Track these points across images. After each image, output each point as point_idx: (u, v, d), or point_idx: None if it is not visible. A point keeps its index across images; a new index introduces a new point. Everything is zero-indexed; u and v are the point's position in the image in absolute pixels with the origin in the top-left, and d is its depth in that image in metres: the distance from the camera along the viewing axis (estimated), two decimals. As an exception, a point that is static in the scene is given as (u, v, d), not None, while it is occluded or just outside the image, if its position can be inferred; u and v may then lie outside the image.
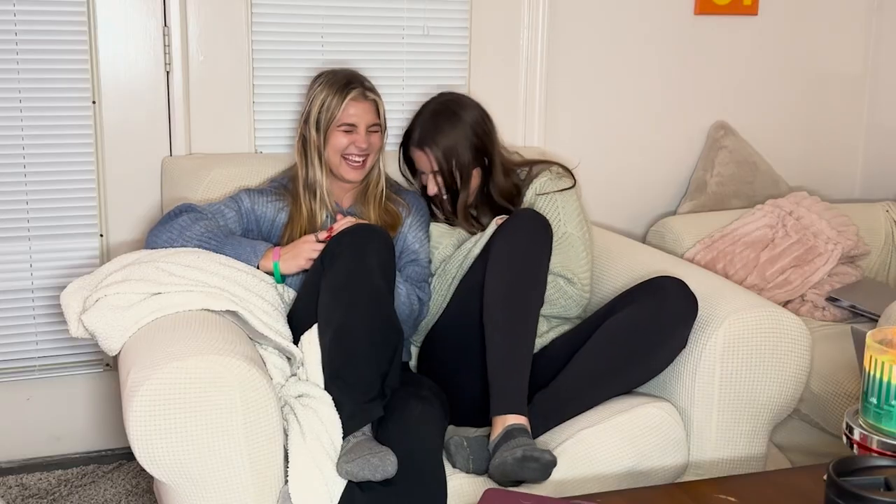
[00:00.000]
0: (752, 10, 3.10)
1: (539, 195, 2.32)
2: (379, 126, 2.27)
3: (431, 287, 2.26)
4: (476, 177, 2.34)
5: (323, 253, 2.00)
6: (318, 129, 2.22)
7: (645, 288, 2.04)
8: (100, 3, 2.45)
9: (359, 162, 2.24)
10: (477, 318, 2.03)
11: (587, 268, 2.26)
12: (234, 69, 2.58)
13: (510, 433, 1.84)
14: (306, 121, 2.24)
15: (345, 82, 2.23)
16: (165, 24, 2.51)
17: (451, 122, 2.31)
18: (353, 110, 2.22)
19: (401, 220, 2.30)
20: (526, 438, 1.83)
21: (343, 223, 2.10)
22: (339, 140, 2.22)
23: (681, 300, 1.99)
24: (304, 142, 2.26)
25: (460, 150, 2.29)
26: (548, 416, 1.96)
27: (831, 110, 3.30)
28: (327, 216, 2.26)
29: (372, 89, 2.27)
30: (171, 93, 2.54)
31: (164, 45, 2.51)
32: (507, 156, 2.44)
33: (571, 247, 2.25)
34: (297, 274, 2.12)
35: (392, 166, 2.47)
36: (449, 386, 2.06)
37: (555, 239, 2.20)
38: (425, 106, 2.38)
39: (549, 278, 2.13)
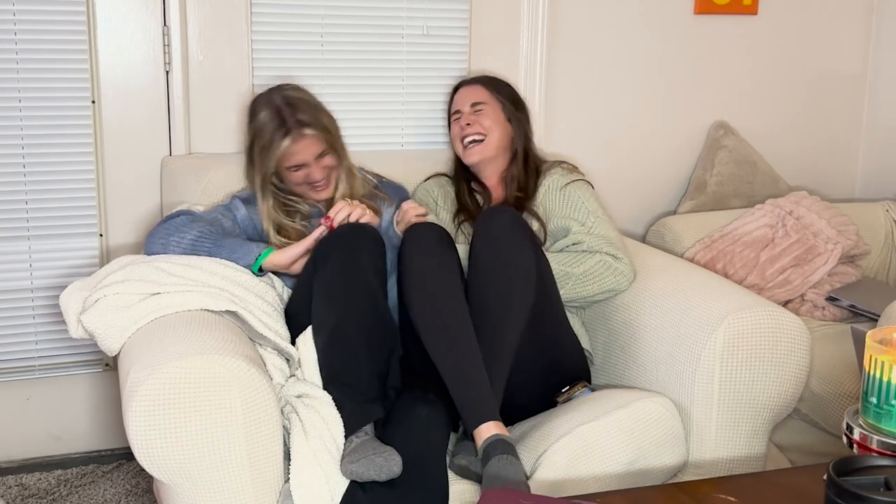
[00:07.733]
0: (751, 10, 3.10)
1: (559, 189, 2.37)
2: (326, 150, 2.19)
3: None
4: (506, 131, 2.44)
5: (314, 254, 1.99)
6: (265, 165, 2.16)
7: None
8: (100, 3, 2.45)
9: (322, 184, 2.21)
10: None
11: (622, 243, 2.30)
12: (234, 69, 2.58)
13: (492, 445, 1.78)
14: (250, 156, 2.21)
15: (279, 123, 2.13)
16: (165, 24, 2.50)
17: (506, 81, 2.56)
18: (296, 150, 2.14)
19: (381, 214, 2.27)
20: (503, 448, 1.78)
21: (340, 209, 2.07)
22: (293, 177, 2.19)
23: (498, 215, 2.03)
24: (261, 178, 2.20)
25: (508, 94, 2.49)
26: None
27: (831, 110, 3.29)
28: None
29: (309, 123, 2.14)
30: (171, 93, 2.54)
31: (164, 45, 2.51)
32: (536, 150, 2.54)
33: (601, 225, 2.30)
34: (291, 273, 2.11)
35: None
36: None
37: (585, 227, 2.28)
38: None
39: (596, 257, 2.20)
